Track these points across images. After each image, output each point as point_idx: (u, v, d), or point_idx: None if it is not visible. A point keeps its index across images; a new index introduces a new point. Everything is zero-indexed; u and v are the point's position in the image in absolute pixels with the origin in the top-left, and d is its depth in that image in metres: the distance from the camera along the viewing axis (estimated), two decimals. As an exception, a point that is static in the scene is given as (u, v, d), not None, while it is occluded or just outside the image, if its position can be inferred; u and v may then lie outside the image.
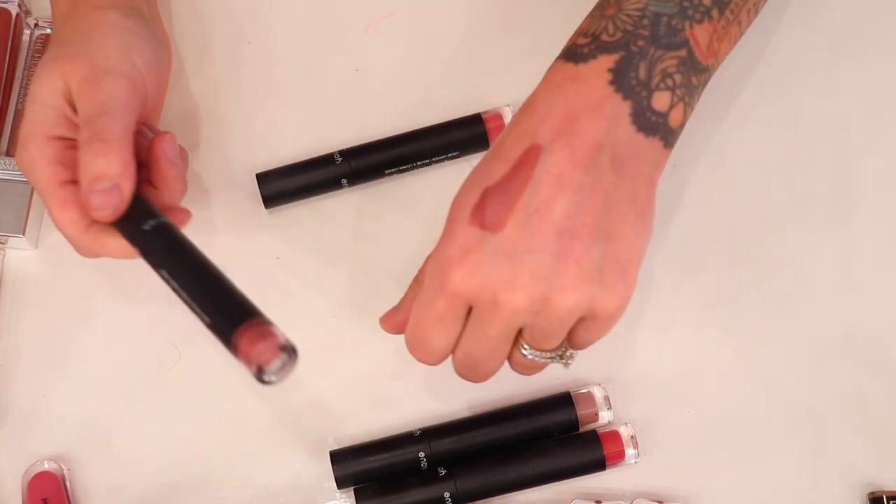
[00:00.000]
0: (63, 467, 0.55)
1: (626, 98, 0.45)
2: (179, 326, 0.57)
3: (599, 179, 0.44)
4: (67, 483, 0.55)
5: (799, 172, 0.60)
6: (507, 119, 0.59)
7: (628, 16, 0.47)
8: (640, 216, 0.45)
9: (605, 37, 0.47)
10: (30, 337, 0.58)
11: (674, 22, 0.47)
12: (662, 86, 0.46)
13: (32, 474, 0.54)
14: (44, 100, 0.50)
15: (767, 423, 0.56)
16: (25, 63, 0.61)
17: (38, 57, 0.61)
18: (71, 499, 0.54)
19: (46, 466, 0.55)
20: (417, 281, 0.51)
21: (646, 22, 0.47)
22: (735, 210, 0.60)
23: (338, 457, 0.54)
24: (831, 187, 0.60)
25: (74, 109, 0.50)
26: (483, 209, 0.45)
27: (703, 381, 0.57)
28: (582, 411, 0.55)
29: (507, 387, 0.56)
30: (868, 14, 0.63)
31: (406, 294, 0.51)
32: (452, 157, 0.60)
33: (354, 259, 0.59)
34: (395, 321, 0.51)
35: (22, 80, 0.61)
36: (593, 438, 0.54)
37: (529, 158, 0.45)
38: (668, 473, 0.55)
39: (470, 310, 0.46)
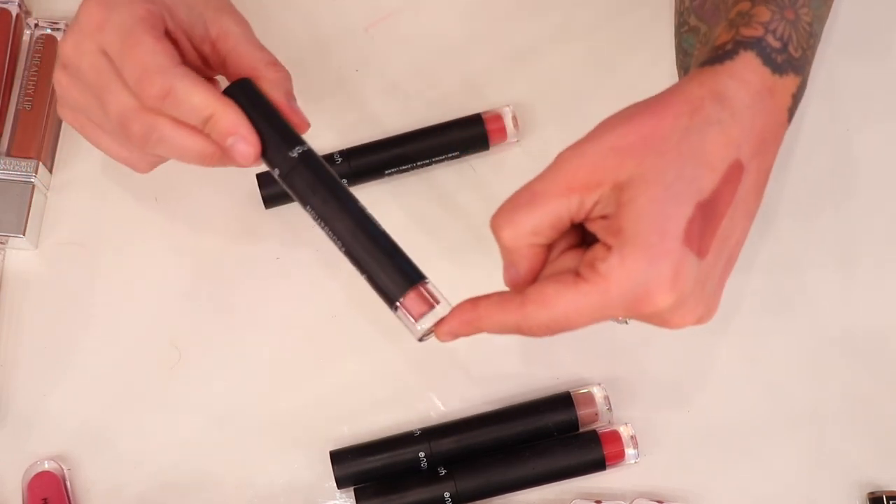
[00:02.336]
0: (63, 467, 0.55)
1: (786, 131, 0.44)
2: (179, 326, 0.58)
3: (757, 208, 0.43)
4: (67, 483, 0.55)
5: (799, 172, 0.60)
6: (507, 119, 0.59)
7: (804, 30, 0.44)
8: None
9: (792, 50, 0.43)
10: (30, 337, 0.58)
11: (817, 50, 0.46)
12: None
13: (32, 474, 0.54)
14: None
15: (767, 423, 0.56)
16: (25, 63, 0.61)
17: (38, 57, 0.61)
18: (71, 499, 0.54)
19: (46, 466, 0.55)
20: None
21: (812, 43, 0.45)
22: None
23: (338, 457, 0.54)
24: (831, 187, 0.60)
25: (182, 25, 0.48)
26: (696, 229, 0.40)
27: (703, 381, 0.57)
28: (582, 411, 0.55)
29: (507, 387, 0.56)
30: (868, 14, 0.63)
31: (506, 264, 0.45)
32: (452, 157, 0.60)
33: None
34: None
35: (22, 80, 0.61)
36: (593, 438, 0.54)
37: (734, 176, 0.41)
38: (668, 473, 0.55)
39: None
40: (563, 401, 0.55)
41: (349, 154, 0.59)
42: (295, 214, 0.60)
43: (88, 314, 0.58)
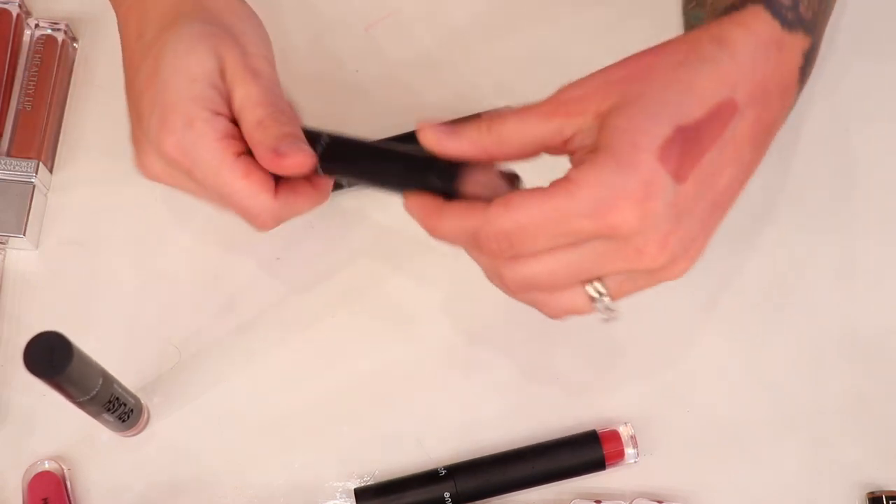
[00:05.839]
0: (63, 467, 0.55)
1: (798, 92, 0.44)
2: (179, 326, 0.57)
3: (756, 160, 0.43)
4: (67, 483, 0.55)
5: (798, 172, 0.60)
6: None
7: None
8: None
9: (802, 9, 0.43)
10: (30, 337, 0.57)
11: (828, 21, 0.46)
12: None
13: (33, 474, 0.54)
14: (204, 77, 0.48)
15: (767, 422, 0.56)
16: (26, 63, 0.61)
17: (39, 57, 0.61)
18: (71, 499, 0.54)
19: (46, 466, 0.55)
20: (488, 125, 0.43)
21: (823, 8, 0.45)
22: (735, 210, 0.59)
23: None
24: (831, 187, 0.60)
25: (225, 90, 0.49)
26: (674, 150, 0.40)
27: (702, 381, 0.57)
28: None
29: (508, 387, 0.56)
30: (869, 14, 0.63)
31: (468, 128, 0.44)
32: (452, 158, 0.60)
33: (355, 259, 0.59)
34: (450, 146, 0.44)
35: (22, 80, 0.61)
36: (593, 438, 0.54)
37: (725, 113, 0.41)
38: (668, 473, 0.55)
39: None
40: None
41: (349, 154, 0.59)
42: (295, 214, 0.60)
43: (88, 314, 0.58)
